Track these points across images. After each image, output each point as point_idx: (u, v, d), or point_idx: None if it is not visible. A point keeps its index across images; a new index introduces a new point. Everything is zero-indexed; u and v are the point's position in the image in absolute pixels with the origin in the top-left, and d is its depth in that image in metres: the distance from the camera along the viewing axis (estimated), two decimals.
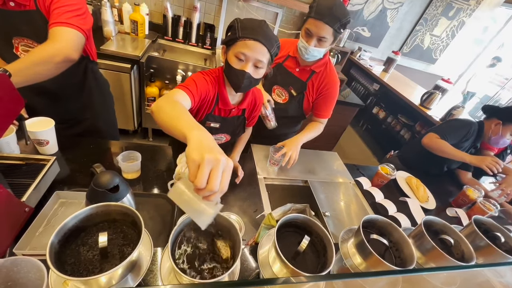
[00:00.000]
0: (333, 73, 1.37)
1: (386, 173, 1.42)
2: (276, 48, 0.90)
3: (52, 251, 0.40)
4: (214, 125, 1.10)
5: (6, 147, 0.89)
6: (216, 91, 1.01)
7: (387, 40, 3.58)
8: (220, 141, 1.23)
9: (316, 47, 1.17)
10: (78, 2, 0.97)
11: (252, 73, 0.89)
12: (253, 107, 1.18)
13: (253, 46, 0.84)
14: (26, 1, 0.93)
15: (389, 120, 3.38)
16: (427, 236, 0.66)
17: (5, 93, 0.64)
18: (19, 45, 1.00)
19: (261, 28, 0.84)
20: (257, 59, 0.86)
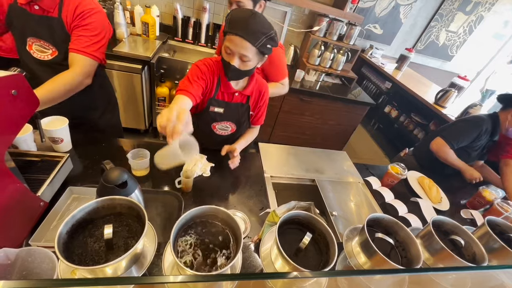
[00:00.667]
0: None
1: (396, 172, 1.38)
2: (265, 40, 0.88)
3: (61, 241, 0.42)
4: (218, 110, 1.12)
5: (23, 144, 0.94)
6: (218, 75, 1.05)
7: (400, 37, 3.48)
8: (226, 131, 1.23)
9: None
10: (97, 27, 1.07)
11: (238, 65, 0.92)
12: (258, 97, 1.17)
13: (236, 41, 0.87)
14: (51, 8, 1.00)
15: (402, 119, 3.29)
16: (435, 236, 0.64)
17: (22, 92, 0.67)
18: (33, 44, 1.06)
19: (246, 23, 0.85)
20: (241, 53, 0.89)
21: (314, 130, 2.71)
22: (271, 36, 0.90)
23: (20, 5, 0.99)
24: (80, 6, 1.03)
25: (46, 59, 1.09)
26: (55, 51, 1.09)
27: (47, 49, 1.08)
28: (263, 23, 0.88)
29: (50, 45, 1.07)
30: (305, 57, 2.65)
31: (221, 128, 1.22)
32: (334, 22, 2.46)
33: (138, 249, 0.48)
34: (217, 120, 1.17)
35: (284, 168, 1.38)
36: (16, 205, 0.70)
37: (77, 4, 1.03)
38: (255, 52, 0.90)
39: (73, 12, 1.03)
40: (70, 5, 1.02)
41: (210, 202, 1.06)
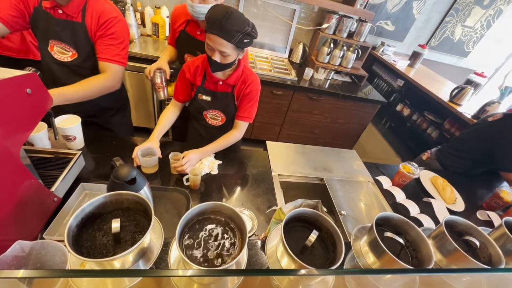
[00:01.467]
0: None
1: (408, 172, 1.34)
2: (240, 36, 0.95)
3: (70, 234, 0.43)
4: (205, 98, 1.22)
5: (38, 142, 0.97)
6: (204, 68, 1.17)
7: (413, 33, 3.38)
8: (217, 121, 1.31)
9: (201, 4, 1.16)
10: (122, 35, 1.15)
11: (219, 60, 1.01)
12: (242, 87, 1.20)
13: (214, 39, 0.95)
14: (74, 14, 1.05)
15: (415, 117, 3.20)
16: (448, 237, 0.61)
17: (36, 91, 0.69)
18: (55, 46, 1.11)
19: (220, 22, 0.91)
20: (219, 50, 0.98)
21: (323, 129, 2.68)
22: (247, 31, 0.96)
23: (45, 9, 1.03)
24: (104, 15, 1.09)
25: (66, 60, 1.14)
26: (75, 53, 1.13)
27: (67, 51, 1.12)
28: (237, 21, 0.94)
29: (70, 48, 1.11)
30: (314, 55, 2.62)
31: (211, 117, 1.30)
32: (344, 19, 2.42)
33: (145, 243, 0.48)
34: (206, 108, 1.26)
35: (292, 166, 1.37)
36: (31, 200, 0.72)
37: (100, 11, 1.08)
38: (232, 48, 0.98)
39: (97, 20, 1.08)
40: (94, 11, 1.07)
41: (217, 199, 1.07)
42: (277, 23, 2.55)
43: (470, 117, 2.33)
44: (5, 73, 0.62)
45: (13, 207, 0.66)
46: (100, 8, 1.09)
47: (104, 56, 1.13)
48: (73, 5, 1.04)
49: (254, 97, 1.22)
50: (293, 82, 2.29)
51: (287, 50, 2.71)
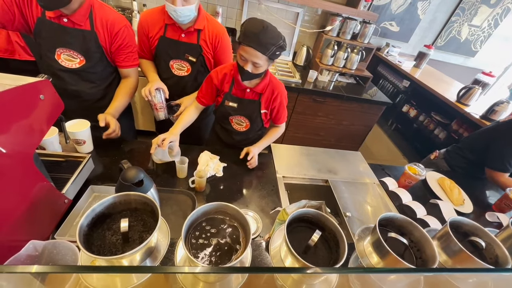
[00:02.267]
0: (216, 24, 1.35)
1: (414, 173, 1.33)
2: (274, 49, 1.02)
3: (81, 232, 0.45)
4: (232, 104, 1.27)
5: (50, 146, 1.01)
6: (233, 76, 1.21)
7: (418, 33, 3.35)
8: (241, 126, 1.35)
9: (184, 6, 1.14)
10: (132, 40, 1.24)
11: (251, 70, 1.07)
12: (271, 96, 1.25)
13: (249, 51, 1.01)
14: (81, 22, 1.08)
15: (421, 118, 3.16)
16: (453, 238, 0.61)
17: (49, 96, 0.72)
18: (62, 54, 1.13)
19: (257, 36, 0.98)
20: (253, 61, 1.04)
21: (328, 131, 2.67)
22: (280, 45, 1.03)
23: (49, 18, 1.06)
24: (115, 25, 1.14)
25: (73, 67, 1.17)
26: (83, 60, 1.16)
27: (75, 58, 1.15)
28: (272, 35, 1.00)
29: (78, 55, 1.14)
30: (318, 57, 2.63)
31: (237, 122, 1.34)
32: (348, 21, 2.43)
33: (152, 242, 0.50)
34: (232, 114, 1.30)
35: (296, 168, 1.38)
36: (43, 201, 0.75)
37: (110, 21, 1.13)
38: (265, 59, 1.05)
39: (107, 29, 1.13)
40: (102, 20, 1.12)
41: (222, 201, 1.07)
42: (280, 27, 2.56)
43: (478, 117, 2.30)
44: (20, 80, 0.65)
45: (26, 208, 0.68)
46: (108, 17, 1.12)
47: (127, 64, 1.26)
48: (79, 14, 1.07)
49: (284, 104, 1.32)
50: (297, 85, 2.30)
51: (291, 53, 2.73)
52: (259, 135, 1.42)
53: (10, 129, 0.61)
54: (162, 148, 1.06)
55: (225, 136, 1.43)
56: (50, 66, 1.15)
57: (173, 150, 1.16)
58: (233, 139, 1.41)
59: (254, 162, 1.26)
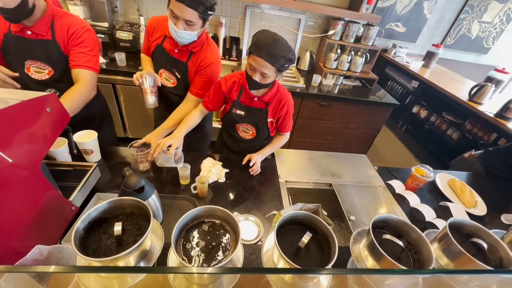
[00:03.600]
0: (209, 53, 1.29)
1: (421, 175, 1.30)
2: (283, 61, 1.03)
3: (77, 236, 0.48)
4: (239, 112, 1.29)
5: (60, 156, 1.06)
6: (241, 84, 1.25)
7: (425, 33, 3.29)
8: (248, 134, 1.37)
9: (186, 31, 1.12)
10: (91, 43, 1.19)
11: (259, 80, 1.09)
12: (278, 105, 1.27)
13: (259, 61, 1.03)
14: (43, 32, 1.10)
15: (433, 119, 3.07)
16: (452, 239, 0.59)
17: (55, 109, 0.77)
18: (31, 66, 1.16)
19: (268, 47, 1.00)
20: (262, 71, 1.06)
21: (335, 135, 2.64)
22: (290, 58, 1.05)
23: (14, 33, 1.07)
24: (72, 27, 1.13)
25: (43, 78, 1.19)
26: (51, 70, 1.18)
27: (43, 69, 1.17)
28: (283, 47, 1.02)
29: (46, 66, 1.17)
30: (322, 61, 2.63)
31: (243, 130, 1.36)
32: (350, 24, 2.43)
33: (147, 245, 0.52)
34: (238, 122, 1.32)
35: (299, 173, 1.37)
36: (51, 209, 0.79)
37: (68, 25, 1.13)
38: (274, 70, 1.07)
39: (66, 33, 1.13)
40: (62, 27, 1.12)
41: (224, 207, 1.08)
42: (283, 33, 2.59)
43: (493, 116, 2.21)
44: (29, 95, 0.70)
45: (35, 215, 0.72)
46: (67, 22, 1.13)
47: (75, 64, 1.15)
48: (41, 24, 1.08)
49: (290, 113, 1.33)
50: (302, 90, 2.31)
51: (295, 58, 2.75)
52: (265, 144, 1.43)
53: (19, 140, 0.65)
54: (168, 155, 1.08)
55: (231, 143, 1.45)
56: (23, 79, 1.17)
57: (177, 155, 1.18)
58: (239, 147, 1.43)
59: (257, 168, 1.27)
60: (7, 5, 0.94)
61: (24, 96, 0.69)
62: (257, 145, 1.43)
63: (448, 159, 2.76)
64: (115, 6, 2.30)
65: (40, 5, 1.07)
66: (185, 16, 1.06)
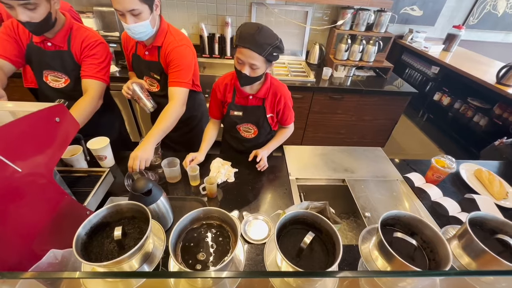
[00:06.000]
0: (171, 39, 1.25)
1: (442, 166, 1.21)
2: (271, 49, 1.00)
3: (79, 241, 0.49)
4: (237, 113, 1.28)
5: (76, 162, 1.11)
6: (233, 84, 1.22)
7: (445, 15, 3.08)
8: (250, 133, 1.36)
9: (136, 23, 1.08)
10: (102, 55, 1.25)
11: (248, 73, 1.06)
12: (274, 99, 1.24)
13: (245, 52, 1.00)
14: (61, 43, 1.19)
15: (457, 106, 2.87)
16: (473, 236, 0.53)
17: (64, 119, 0.80)
18: (49, 75, 1.24)
19: (252, 37, 0.97)
20: (250, 63, 1.03)
21: (349, 128, 2.55)
22: (276, 45, 1.02)
23: (36, 44, 1.17)
24: (86, 39, 1.21)
25: (60, 86, 1.27)
26: (67, 79, 1.26)
27: (60, 78, 1.26)
28: (268, 35, 1.00)
29: (62, 75, 1.25)
30: (332, 53, 2.54)
31: (245, 129, 1.35)
32: (360, 12, 2.32)
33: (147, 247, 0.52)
34: (238, 123, 1.31)
35: (310, 169, 1.34)
36: (66, 214, 0.82)
37: (83, 38, 1.21)
38: (263, 60, 1.03)
39: (80, 45, 1.21)
40: (77, 38, 1.20)
41: (234, 206, 1.09)
42: (291, 28, 2.55)
43: None
44: (38, 106, 0.74)
45: (50, 221, 0.76)
46: (83, 34, 1.21)
47: (85, 74, 1.22)
48: (60, 36, 1.16)
49: (289, 105, 1.30)
50: (312, 84, 2.25)
51: (303, 52, 2.68)
52: (268, 139, 1.40)
53: (30, 151, 0.69)
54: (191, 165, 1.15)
55: (236, 145, 1.45)
56: (42, 87, 1.26)
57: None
58: (244, 146, 1.42)
59: (264, 163, 1.26)
60: (34, 20, 1.02)
61: (33, 108, 0.72)
62: (262, 142, 1.41)
63: (477, 148, 2.57)
64: None
65: (61, 19, 1.16)
66: (126, 6, 1.03)
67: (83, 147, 1.01)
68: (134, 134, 2.56)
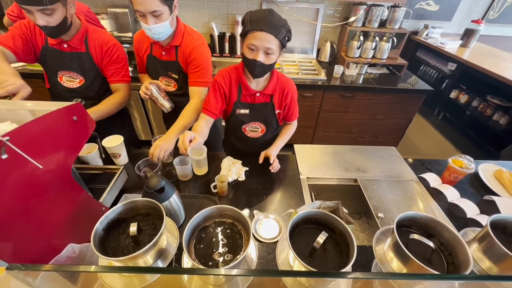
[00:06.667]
0: (190, 38, 1.27)
1: (460, 166, 1.17)
2: (285, 32, 0.95)
3: (97, 236, 0.51)
4: (244, 111, 1.22)
5: (91, 160, 1.15)
6: (238, 81, 1.15)
7: (462, 9, 2.96)
8: (256, 133, 1.31)
9: (157, 24, 1.11)
10: (122, 58, 1.33)
11: (263, 60, 0.98)
12: (282, 94, 1.20)
13: (260, 36, 0.92)
14: (78, 46, 1.24)
15: (475, 104, 2.77)
16: (495, 239, 0.51)
17: (81, 117, 0.83)
18: (64, 76, 1.29)
19: (265, 19, 0.91)
20: (266, 47, 0.95)
21: (361, 127, 2.51)
22: (289, 28, 0.97)
23: (51, 45, 1.20)
24: (105, 44, 1.27)
25: (74, 86, 1.31)
26: (82, 79, 1.31)
27: (75, 78, 1.30)
28: (279, 18, 0.96)
29: (78, 75, 1.29)
30: (344, 51, 2.50)
31: (251, 129, 1.29)
32: (373, 8, 2.27)
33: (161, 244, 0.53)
34: (245, 122, 1.26)
35: (322, 168, 1.32)
36: (83, 209, 0.85)
37: (100, 41, 1.26)
38: (278, 44, 0.97)
39: (100, 49, 1.26)
40: (95, 41, 1.25)
41: (245, 205, 1.09)
42: (301, 26, 2.53)
43: None
44: (56, 105, 0.76)
45: (69, 216, 0.78)
46: (99, 38, 1.26)
47: (115, 79, 1.33)
48: (76, 38, 1.21)
49: (295, 100, 1.26)
50: (323, 82, 2.22)
51: (314, 50, 2.65)
52: (275, 136, 1.38)
53: (50, 148, 0.71)
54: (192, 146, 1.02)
55: (241, 145, 1.40)
56: (55, 88, 1.31)
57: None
58: (250, 146, 1.38)
59: (277, 164, 1.23)
60: (50, 24, 1.07)
61: (51, 107, 0.74)
62: (269, 139, 1.38)
63: (497, 147, 2.47)
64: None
65: (76, 22, 1.20)
66: (149, 8, 1.05)
67: (98, 145, 1.04)
68: (146, 133, 2.61)
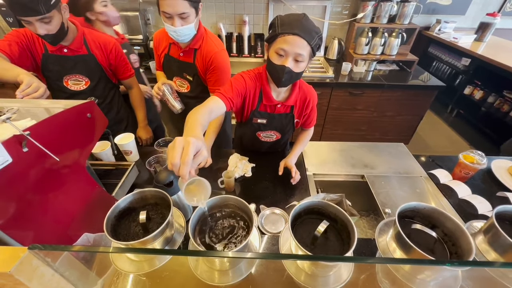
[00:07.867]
0: (211, 43, 1.28)
1: (471, 162, 1.14)
2: (317, 40, 0.88)
3: (109, 223, 0.54)
4: (261, 121, 1.16)
5: (105, 157, 1.20)
6: (260, 88, 1.06)
7: (477, 2, 2.87)
8: (271, 138, 1.27)
9: (183, 26, 1.13)
10: (123, 54, 1.40)
11: (292, 67, 0.90)
12: (303, 105, 1.15)
13: (292, 40, 0.85)
14: (79, 48, 1.26)
15: (491, 100, 2.67)
16: (500, 231, 0.51)
17: (95, 115, 0.87)
18: (69, 80, 1.30)
19: (300, 22, 0.84)
20: (297, 53, 0.87)
21: (370, 124, 2.48)
22: (321, 36, 0.91)
23: (51, 52, 1.21)
24: (106, 43, 1.31)
25: (81, 88, 1.34)
26: (88, 81, 1.33)
27: (81, 80, 1.32)
28: (313, 24, 0.89)
29: (83, 77, 1.32)
30: (352, 48, 2.48)
31: (265, 136, 1.26)
32: (382, 4, 2.24)
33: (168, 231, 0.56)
34: (261, 129, 1.22)
35: (329, 165, 1.32)
36: (96, 202, 0.89)
37: (101, 42, 1.30)
38: (309, 52, 0.89)
39: (102, 50, 1.30)
40: (95, 42, 1.29)
41: (251, 200, 1.11)
42: None
43: None
44: (71, 103, 0.81)
45: (84, 208, 0.83)
46: (98, 38, 1.30)
47: (126, 76, 1.45)
48: (76, 42, 1.23)
49: (315, 108, 1.21)
50: (331, 80, 2.22)
51: (322, 48, 2.64)
52: (287, 139, 1.37)
53: (66, 143, 0.76)
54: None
55: (253, 146, 1.36)
56: (61, 92, 1.31)
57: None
58: (262, 147, 1.35)
59: (298, 176, 1.14)
60: (51, 32, 1.10)
61: (67, 105, 0.79)
62: (282, 143, 1.35)
63: None
64: (148, 19, 2.49)
65: (71, 27, 1.23)
66: (178, 10, 1.08)
67: (111, 142, 1.08)
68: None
